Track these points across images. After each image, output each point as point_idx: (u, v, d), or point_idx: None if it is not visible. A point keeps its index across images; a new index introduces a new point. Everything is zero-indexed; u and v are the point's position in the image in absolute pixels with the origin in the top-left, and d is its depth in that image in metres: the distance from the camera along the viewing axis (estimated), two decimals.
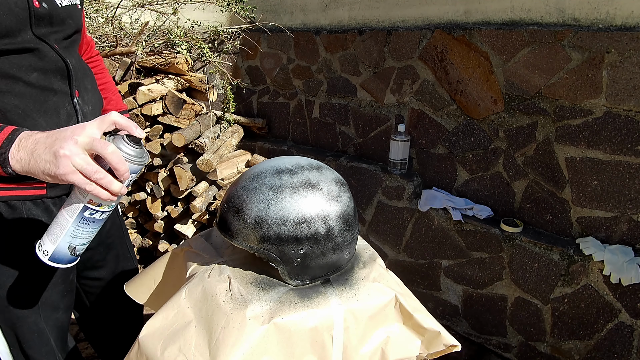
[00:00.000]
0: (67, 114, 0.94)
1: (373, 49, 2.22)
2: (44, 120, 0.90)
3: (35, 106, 0.89)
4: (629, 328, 1.68)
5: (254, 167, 0.95)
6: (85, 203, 0.72)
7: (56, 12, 0.92)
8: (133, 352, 0.80)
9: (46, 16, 0.90)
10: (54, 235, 0.73)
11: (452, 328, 2.18)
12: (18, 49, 0.86)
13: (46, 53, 0.90)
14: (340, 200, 0.87)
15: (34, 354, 1.08)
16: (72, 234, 0.74)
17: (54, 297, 1.08)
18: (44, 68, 0.90)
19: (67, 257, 0.75)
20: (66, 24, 0.96)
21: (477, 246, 2.00)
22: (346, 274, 0.92)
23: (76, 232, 0.74)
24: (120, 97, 1.30)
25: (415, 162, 2.23)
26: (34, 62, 0.88)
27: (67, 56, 0.94)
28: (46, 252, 0.74)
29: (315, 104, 2.59)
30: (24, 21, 0.85)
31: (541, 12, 1.74)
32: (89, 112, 1.01)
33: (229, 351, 0.73)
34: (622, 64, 1.57)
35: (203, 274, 0.90)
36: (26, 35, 0.87)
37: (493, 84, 1.88)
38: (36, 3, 0.87)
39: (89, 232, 0.76)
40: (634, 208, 1.65)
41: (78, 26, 1.00)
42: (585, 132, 1.70)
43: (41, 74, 0.89)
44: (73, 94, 0.96)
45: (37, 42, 0.88)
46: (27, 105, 0.87)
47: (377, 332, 0.85)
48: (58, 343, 1.14)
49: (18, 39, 0.85)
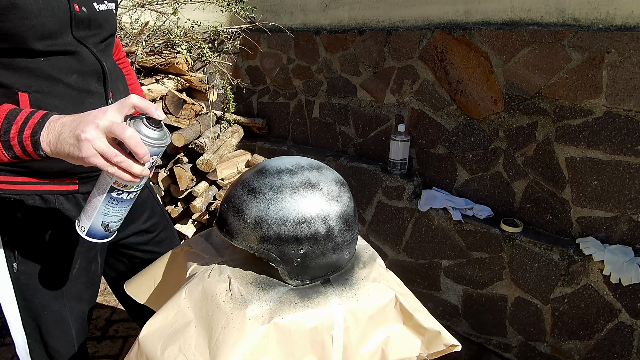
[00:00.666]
0: None
1: (373, 49, 2.22)
2: None
3: (74, 107, 0.91)
4: (629, 328, 1.68)
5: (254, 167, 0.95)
6: (111, 184, 0.76)
7: (94, 16, 0.96)
8: (133, 352, 0.80)
9: (85, 20, 0.94)
10: (88, 213, 0.80)
11: (452, 328, 2.18)
12: (59, 51, 0.89)
13: (85, 56, 0.94)
14: (340, 200, 0.87)
15: (55, 344, 1.10)
16: (103, 212, 0.79)
17: (78, 288, 1.11)
18: (83, 70, 0.94)
19: (101, 232, 0.81)
20: (103, 28, 1.00)
21: (477, 246, 2.00)
22: (346, 274, 0.92)
23: (107, 211, 0.79)
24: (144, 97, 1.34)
25: (415, 162, 2.23)
26: (74, 65, 0.92)
27: (103, 59, 0.98)
28: (83, 228, 0.80)
29: (315, 104, 2.59)
30: (65, 24, 0.89)
31: (541, 12, 1.74)
32: None
33: (229, 351, 0.73)
34: (622, 64, 1.57)
35: (203, 274, 0.90)
36: (67, 38, 0.90)
37: (493, 84, 1.88)
38: (77, 7, 0.91)
39: (118, 210, 0.81)
40: (634, 208, 1.65)
41: (113, 30, 1.04)
42: (585, 132, 1.70)
43: (79, 76, 0.93)
44: (108, 95, 0.99)
45: (76, 45, 0.92)
46: (66, 105, 0.91)
47: (377, 332, 0.85)
48: (79, 335, 1.16)
49: (59, 41, 0.89)
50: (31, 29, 0.83)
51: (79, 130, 0.68)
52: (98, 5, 0.97)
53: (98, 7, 0.97)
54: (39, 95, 0.88)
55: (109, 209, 0.79)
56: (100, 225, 0.80)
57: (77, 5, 0.91)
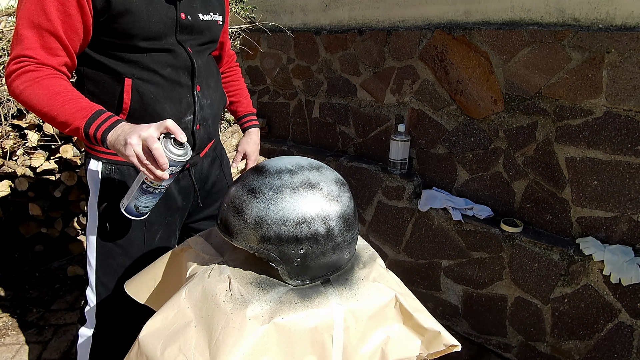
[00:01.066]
0: (187, 104, 1.15)
1: (373, 49, 2.22)
2: (169, 106, 1.12)
3: (164, 94, 1.11)
4: (629, 328, 1.68)
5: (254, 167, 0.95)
6: (143, 178, 0.98)
7: (197, 24, 1.14)
8: (133, 352, 0.80)
9: (189, 26, 1.12)
10: (127, 195, 1.04)
11: (452, 328, 2.18)
12: (160, 49, 1.08)
13: (180, 54, 1.11)
14: (340, 200, 0.87)
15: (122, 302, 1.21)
16: (135, 197, 1.01)
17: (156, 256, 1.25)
18: (176, 65, 1.11)
19: (134, 212, 1.04)
20: (203, 34, 1.17)
21: (477, 246, 2.00)
22: (346, 274, 0.92)
23: (138, 197, 1.01)
24: (250, 101, 1.52)
25: (415, 162, 2.23)
26: (170, 60, 1.10)
27: (195, 58, 1.14)
28: (123, 205, 1.04)
29: (315, 104, 2.59)
30: (170, 29, 1.08)
31: (541, 12, 1.74)
32: (206, 104, 1.21)
33: (229, 351, 0.73)
34: (622, 64, 1.57)
35: (203, 274, 0.90)
36: (170, 40, 1.09)
37: (493, 84, 1.88)
38: (183, 16, 1.09)
39: (146, 199, 1.02)
40: (634, 208, 1.65)
41: (214, 37, 1.22)
42: (585, 132, 1.70)
43: (173, 69, 1.11)
44: (194, 88, 1.16)
45: (176, 45, 1.10)
46: (159, 93, 1.10)
47: (377, 332, 0.85)
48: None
49: (162, 42, 1.08)
50: (140, 30, 1.03)
51: (128, 136, 0.89)
52: (203, 15, 1.16)
53: (202, 17, 1.15)
54: (140, 82, 1.08)
55: (140, 196, 1.01)
56: (133, 207, 1.03)
57: (184, 14, 1.10)
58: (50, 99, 0.94)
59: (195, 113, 1.17)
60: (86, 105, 0.96)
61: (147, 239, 1.24)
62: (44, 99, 0.94)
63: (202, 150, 1.28)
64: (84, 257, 1.27)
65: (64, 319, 2.25)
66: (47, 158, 2.33)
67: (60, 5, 0.95)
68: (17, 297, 2.40)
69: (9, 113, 2.21)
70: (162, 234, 1.26)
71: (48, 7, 0.94)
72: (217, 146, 1.40)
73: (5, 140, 2.24)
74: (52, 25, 0.95)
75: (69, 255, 2.66)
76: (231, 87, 1.48)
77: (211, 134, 1.27)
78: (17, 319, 2.24)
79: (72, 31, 0.98)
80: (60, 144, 2.27)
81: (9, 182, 2.31)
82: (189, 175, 1.26)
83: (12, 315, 2.26)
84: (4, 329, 2.16)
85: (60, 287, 2.48)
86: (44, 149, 2.33)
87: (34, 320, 2.23)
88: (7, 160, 2.26)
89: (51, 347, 2.06)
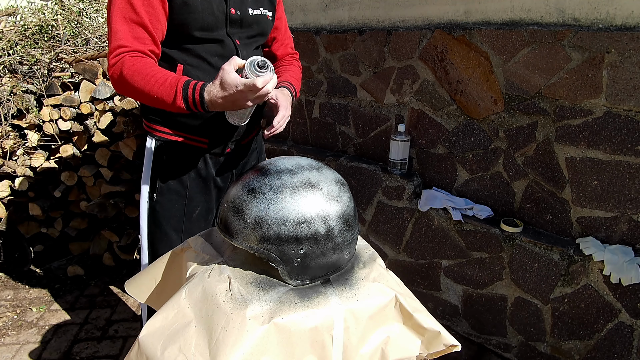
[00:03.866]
0: None
1: (373, 49, 2.22)
2: None
3: (210, 79, 1.17)
4: (629, 328, 1.68)
5: (254, 167, 0.95)
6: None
7: (246, 18, 1.26)
8: (133, 352, 0.80)
9: (238, 20, 1.24)
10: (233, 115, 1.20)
11: (452, 328, 2.18)
12: (211, 39, 1.21)
13: (228, 44, 1.24)
14: (340, 200, 0.87)
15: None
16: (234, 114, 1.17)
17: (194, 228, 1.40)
18: (223, 54, 1.23)
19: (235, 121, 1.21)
20: (252, 28, 1.29)
21: (477, 246, 2.00)
22: (346, 274, 0.92)
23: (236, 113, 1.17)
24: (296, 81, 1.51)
25: (415, 162, 2.23)
26: (218, 50, 1.23)
27: (241, 49, 1.26)
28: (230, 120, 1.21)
29: (315, 104, 2.59)
30: (221, 22, 1.21)
31: (541, 12, 1.74)
32: None
33: (229, 351, 0.73)
34: (622, 64, 1.57)
35: (203, 273, 0.90)
36: (220, 32, 1.22)
37: (493, 84, 1.88)
38: (232, 11, 1.22)
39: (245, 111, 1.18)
40: (634, 208, 1.65)
41: (262, 31, 1.34)
42: (585, 132, 1.70)
43: (220, 58, 1.23)
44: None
45: (225, 37, 1.23)
46: (206, 78, 1.16)
47: (377, 332, 0.85)
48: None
49: (214, 34, 1.21)
50: (194, 21, 1.16)
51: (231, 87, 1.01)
52: (253, 10, 1.27)
53: (252, 12, 1.27)
54: (190, 68, 1.22)
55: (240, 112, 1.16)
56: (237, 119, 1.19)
57: (234, 9, 1.22)
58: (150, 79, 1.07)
59: None
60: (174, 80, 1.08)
61: (187, 212, 1.38)
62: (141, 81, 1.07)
63: (243, 139, 1.43)
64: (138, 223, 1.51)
65: (64, 319, 2.25)
66: (47, 158, 2.33)
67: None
68: (17, 297, 2.40)
69: (9, 113, 2.21)
70: (200, 210, 1.41)
71: (135, 2, 1.09)
72: (258, 139, 1.54)
73: (5, 140, 2.24)
74: (140, 17, 1.10)
75: (69, 255, 2.66)
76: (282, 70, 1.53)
77: (252, 123, 1.40)
78: (17, 319, 2.24)
79: (156, 20, 1.13)
80: (60, 144, 2.27)
81: (9, 182, 2.31)
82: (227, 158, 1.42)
83: (12, 315, 2.26)
84: (4, 329, 2.16)
85: (60, 287, 2.49)
86: (44, 149, 2.33)
87: (34, 320, 2.23)
88: (7, 160, 2.26)
89: (51, 347, 2.06)
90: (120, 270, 2.61)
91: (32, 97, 2.29)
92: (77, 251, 2.62)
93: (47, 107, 2.21)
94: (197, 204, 1.40)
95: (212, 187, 1.41)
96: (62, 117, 2.22)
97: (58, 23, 2.50)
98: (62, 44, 2.43)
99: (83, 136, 2.29)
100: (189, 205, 1.38)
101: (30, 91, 2.30)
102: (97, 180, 2.35)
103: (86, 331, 2.16)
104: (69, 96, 2.23)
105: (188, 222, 1.39)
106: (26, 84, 2.31)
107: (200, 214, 1.42)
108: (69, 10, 2.59)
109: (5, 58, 2.33)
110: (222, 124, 1.28)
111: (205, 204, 1.42)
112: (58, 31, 2.48)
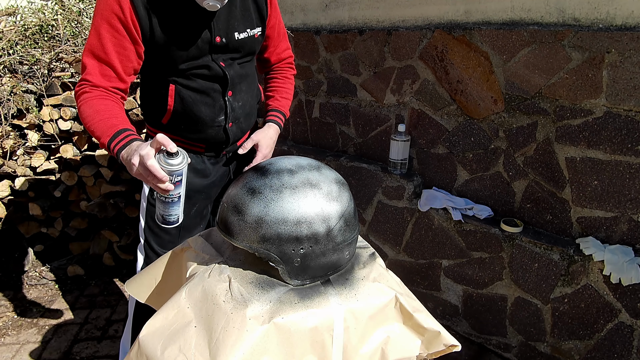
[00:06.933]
0: (219, 107, 1.34)
1: (373, 49, 2.22)
2: (204, 109, 1.32)
3: (200, 99, 1.30)
4: (629, 328, 1.68)
5: (254, 167, 0.95)
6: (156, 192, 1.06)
7: (232, 43, 1.29)
8: (133, 352, 0.80)
9: (223, 47, 1.27)
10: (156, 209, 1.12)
11: (452, 328, 2.18)
12: (197, 66, 1.26)
13: (213, 67, 1.28)
14: (340, 200, 0.87)
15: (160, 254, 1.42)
16: (159, 208, 1.08)
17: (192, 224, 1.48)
18: (210, 76, 1.29)
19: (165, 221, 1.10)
20: (238, 51, 1.32)
21: (477, 246, 2.00)
22: (346, 274, 0.92)
23: (160, 208, 1.08)
24: (286, 102, 1.59)
25: (415, 162, 2.23)
26: (205, 73, 1.28)
27: (227, 69, 1.30)
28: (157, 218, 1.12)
29: (315, 104, 2.59)
30: (205, 51, 1.25)
31: (541, 12, 1.74)
32: (237, 106, 1.39)
33: (229, 351, 0.73)
34: (622, 64, 1.57)
35: (203, 273, 0.90)
36: (205, 58, 1.26)
37: (493, 84, 1.88)
38: (218, 39, 1.25)
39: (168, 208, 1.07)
40: (634, 208, 1.65)
41: (249, 51, 1.37)
42: (586, 132, 1.70)
43: (207, 80, 1.29)
44: (226, 94, 1.33)
45: (210, 62, 1.27)
46: (196, 97, 1.29)
47: (377, 332, 0.85)
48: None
49: (199, 61, 1.26)
50: (179, 56, 1.22)
51: (131, 156, 1.00)
52: (239, 34, 1.29)
53: (238, 36, 1.29)
54: (181, 87, 1.28)
55: (161, 206, 1.07)
56: (161, 217, 1.10)
57: (219, 37, 1.25)
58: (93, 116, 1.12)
59: (227, 114, 1.36)
60: (114, 124, 1.10)
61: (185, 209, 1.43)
62: (89, 116, 1.13)
63: (236, 142, 1.47)
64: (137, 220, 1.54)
65: (64, 319, 2.25)
66: (47, 158, 2.33)
67: (116, 40, 1.14)
68: (17, 297, 2.40)
69: (9, 113, 2.21)
70: (198, 206, 1.47)
71: (106, 42, 1.14)
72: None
73: (5, 140, 2.24)
74: (108, 57, 1.15)
75: (69, 255, 2.66)
76: (273, 83, 1.58)
77: (244, 129, 1.46)
78: (17, 319, 2.24)
79: (127, 60, 1.18)
80: (60, 144, 2.27)
81: (9, 182, 2.31)
82: (225, 158, 1.47)
83: (12, 315, 2.26)
84: (4, 329, 2.16)
85: (60, 287, 2.49)
86: (44, 149, 2.33)
87: (34, 320, 2.23)
88: (7, 160, 2.26)
89: (51, 347, 2.06)
90: (120, 270, 2.61)
91: (32, 97, 2.29)
92: (77, 251, 2.62)
93: (47, 107, 2.22)
94: (195, 200, 1.45)
95: (209, 184, 1.47)
96: (62, 117, 2.22)
97: (58, 23, 2.50)
98: (62, 43, 2.43)
99: (83, 136, 2.29)
100: (187, 203, 1.42)
101: (30, 91, 2.30)
102: (97, 180, 2.35)
103: (86, 331, 2.16)
104: (69, 96, 2.23)
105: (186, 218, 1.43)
106: (26, 83, 2.31)
107: (198, 210, 1.49)
108: (69, 10, 2.59)
109: (5, 58, 2.33)
110: (219, 136, 1.37)
111: (203, 201, 1.49)
112: (58, 31, 2.48)
